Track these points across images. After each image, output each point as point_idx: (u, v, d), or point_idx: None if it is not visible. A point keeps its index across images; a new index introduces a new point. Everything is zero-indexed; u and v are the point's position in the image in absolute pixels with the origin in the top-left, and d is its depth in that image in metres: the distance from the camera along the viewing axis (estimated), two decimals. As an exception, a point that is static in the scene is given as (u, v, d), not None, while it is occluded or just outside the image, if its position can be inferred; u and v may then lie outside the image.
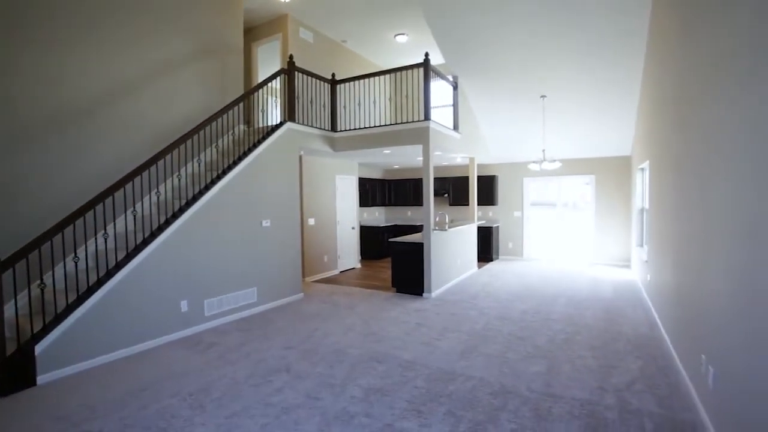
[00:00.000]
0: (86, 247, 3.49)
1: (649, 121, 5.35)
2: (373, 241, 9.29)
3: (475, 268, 7.77)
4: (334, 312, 5.06)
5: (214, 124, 5.05)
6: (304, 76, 6.04)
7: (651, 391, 2.90)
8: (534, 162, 6.98)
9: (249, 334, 4.24)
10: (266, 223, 5.23)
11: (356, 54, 8.43)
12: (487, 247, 8.70)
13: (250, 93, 5.32)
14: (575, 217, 8.73)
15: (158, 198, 4.06)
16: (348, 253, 8.12)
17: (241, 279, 4.88)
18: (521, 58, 6.10)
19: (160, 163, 4.41)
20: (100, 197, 3.48)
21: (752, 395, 1.81)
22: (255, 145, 5.13)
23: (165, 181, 4.28)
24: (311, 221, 7.09)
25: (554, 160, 6.71)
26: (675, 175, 3.66)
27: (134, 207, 3.86)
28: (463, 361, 3.51)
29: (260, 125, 6.32)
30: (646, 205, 6.47)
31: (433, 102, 7.01)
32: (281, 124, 5.55)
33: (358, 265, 8.45)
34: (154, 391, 2.98)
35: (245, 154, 4.99)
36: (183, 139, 4.29)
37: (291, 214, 5.68)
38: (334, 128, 6.56)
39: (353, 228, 8.27)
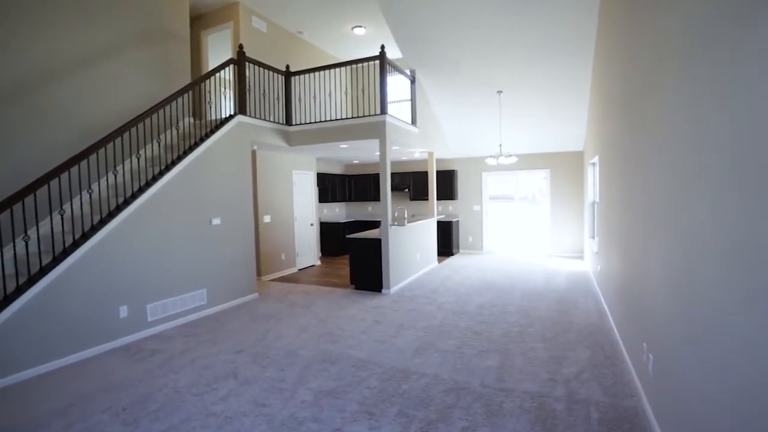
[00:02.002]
0: (2, 252, 3.15)
1: (599, 117, 5.51)
2: (333, 238, 9.14)
3: (436, 262, 7.80)
4: (289, 312, 4.90)
5: (156, 116, 4.72)
6: (257, 68, 5.79)
7: (598, 380, 2.97)
8: (491, 157, 7.06)
9: (196, 339, 4.01)
10: (216, 221, 4.98)
11: (313, 46, 8.20)
12: (447, 241, 8.76)
13: (196, 83, 5.03)
14: (532, 211, 8.95)
15: (91, 196, 3.73)
16: (307, 251, 7.93)
17: (189, 280, 4.62)
18: (478, 52, 6.12)
19: (94, 158, 4.07)
20: (19, 195, 3.15)
21: (686, 383, 1.85)
22: (202, 139, 4.86)
23: (99, 179, 3.95)
24: (267, 218, 6.85)
25: (510, 155, 6.82)
26: (621, 169, 3.76)
27: (62, 207, 3.53)
28: (417, 358, 3.46)
29: (211, 118, 6.02)
30: (597, 199, 6.71)
31: (391, 97, 6.93)
32: (231, 117, 5.29)
33: (318, 263, 8.28)
34: (83, 407, 2.73)
35: (191, 148, 4.71)
36: (120, 132, 3.98)
37: (243, 212, 5.44)
38: (288, 122, 6.34)
39: (312, 225, 8.08)
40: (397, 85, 7.42)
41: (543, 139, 8.02)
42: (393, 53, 7.23)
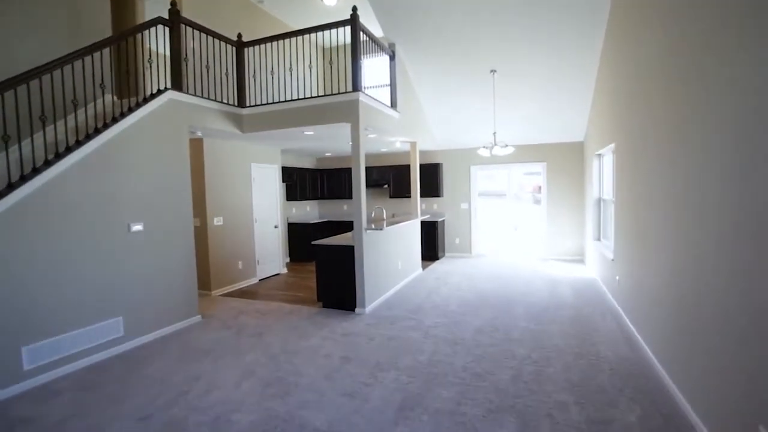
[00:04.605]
0: None
1: (614, 101, 4.58)
2: (303, 241, 8.00)
3: (420, 269, 6.79)
4: (234, 344, 3.78)
5: (56, 92, 3.49)
6: (200, 35, 4.62)
7: (670, 469, 1.99)
8: (484, 147, 6.08)
9: (92, 395, 2.86)
10: (137, 227, 3.81)
11: (276, 19, 7.02)
12: (432, 244, 7.75)
13: (103, 45, 3.76)
14: (526, 209, 8.03)
15: None
16: (270, 257, 6.79)
17: (97, 307, 3.45)
18: (468, 23, 5.11)
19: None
20: None
21: None
22: (115, 119, 3.68)
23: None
24: (217, 221, 5.68)
25: (506, 145, 5.84)
26: (657, 159, 2.83)
27: None
28: (401, 425, 2.42)
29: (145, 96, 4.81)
30: (606, 195, 5.82)
31: (370, 80, 5.88)
32: (160, 92, 4.12)
33: (284, 270, 7.15)
34: None
35: (98, 130, 3.54)
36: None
37: (179, 213, 4.28)
38: (241, 103, 5.19)
39: (276, 227, 6.94)
40: (377, 67, 6.33)
41: (539, 127, 7.09)
42: (372, 29, 6.15)
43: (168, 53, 4.40)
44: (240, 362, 3.37)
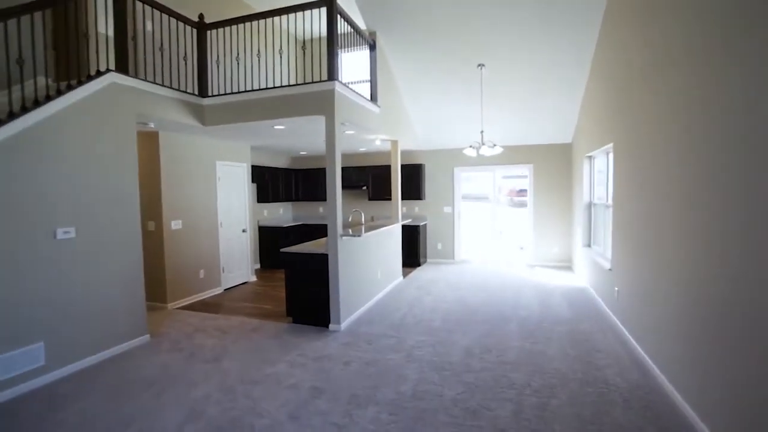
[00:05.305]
0: None
1: (610, 97, 4.23)
2: (275, 246, 7.37)
3: (400, 277, 6.31)
4: (184, 372, 3.20)
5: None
6: (153, 11, 4.01)
7: None
8: (471, 147, 5.66)
9: (-14, 449, 2.25)
10: (66, 233, 3.19)
11: (246, 5, 6.43)
12: (413, 249, 7.29)
13: (24, 11, 3.11)
14: (510, 213, 7.68)
15: None
16: (237, 264, 6.18)
17: (7, 331, 2.82)
18: (457, 11, 4.69)
19: None
20: None
21: None
22: (38, 103, 3.06)
23: None
24: (175, 225, 5.05)
25: (494, 145, 5.44)
26: (672, 158, 2.43)
27: None
28: (382, 488, 1.92)
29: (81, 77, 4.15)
30: (597, 200, 5.49)
31: (349, 76, 5.38)
32: (99, 74, 3.51)
33: (253, 278, 6.54)
34: None
35: (13, 115, 2.91)
36: None
37: (123, 216, 3.67)
38: (202, 92, 4.60)
39: (245, 231, 6.34)
40: (354, 63, 5.81)
41: (526, 128, 6.74)
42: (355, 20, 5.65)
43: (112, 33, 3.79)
44: (188, 397, 2.79)
